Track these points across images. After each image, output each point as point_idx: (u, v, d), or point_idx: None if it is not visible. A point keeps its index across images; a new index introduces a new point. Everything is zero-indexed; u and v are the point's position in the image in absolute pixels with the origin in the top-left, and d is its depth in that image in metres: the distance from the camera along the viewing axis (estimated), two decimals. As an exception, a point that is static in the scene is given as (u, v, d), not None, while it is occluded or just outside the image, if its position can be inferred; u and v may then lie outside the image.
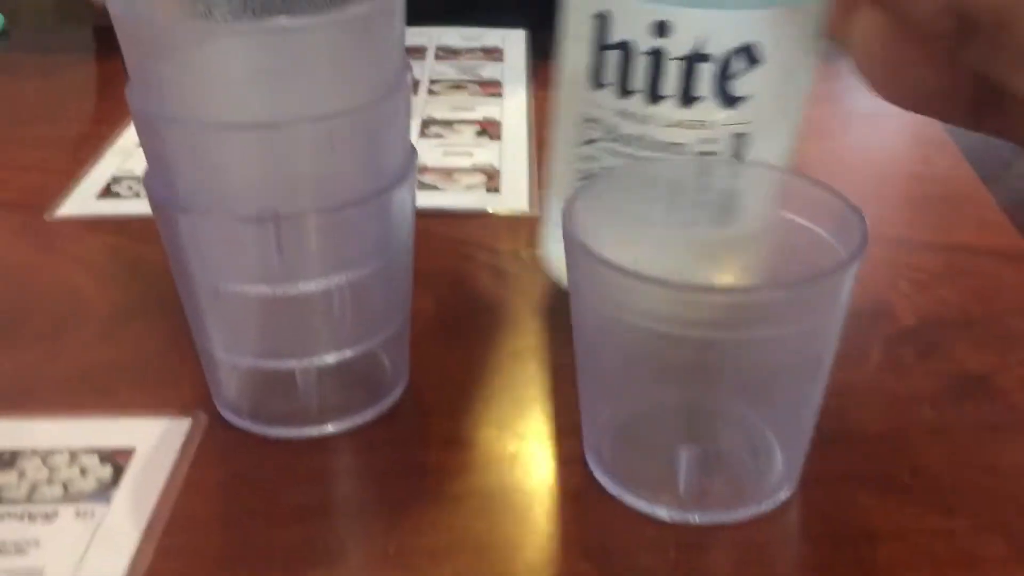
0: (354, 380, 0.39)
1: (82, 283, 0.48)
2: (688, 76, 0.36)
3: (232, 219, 0.34)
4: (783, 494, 0.35)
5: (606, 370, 0.34)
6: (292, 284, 0.35)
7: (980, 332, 0.44)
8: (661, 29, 0.36)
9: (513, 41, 0.77)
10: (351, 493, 0.36)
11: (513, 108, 0.66)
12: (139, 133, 0.34)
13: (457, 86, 0.69)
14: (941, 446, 0.37)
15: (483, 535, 0.34)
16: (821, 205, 0.34)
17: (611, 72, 0.38)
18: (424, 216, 0.54)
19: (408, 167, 0.36)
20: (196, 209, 0.34)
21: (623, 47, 0.37)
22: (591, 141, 0.40)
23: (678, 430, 0.35)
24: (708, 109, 0.37)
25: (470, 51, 0.75)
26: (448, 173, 0.57)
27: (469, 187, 0.56)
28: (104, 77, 0.74)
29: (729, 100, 0.37)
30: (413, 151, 0.37)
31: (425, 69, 0.71)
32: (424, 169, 0.58)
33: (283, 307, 0.36)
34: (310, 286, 0.35)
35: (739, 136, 0.38)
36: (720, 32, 0.36)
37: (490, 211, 0.54)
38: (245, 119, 0.32)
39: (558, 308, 0.39)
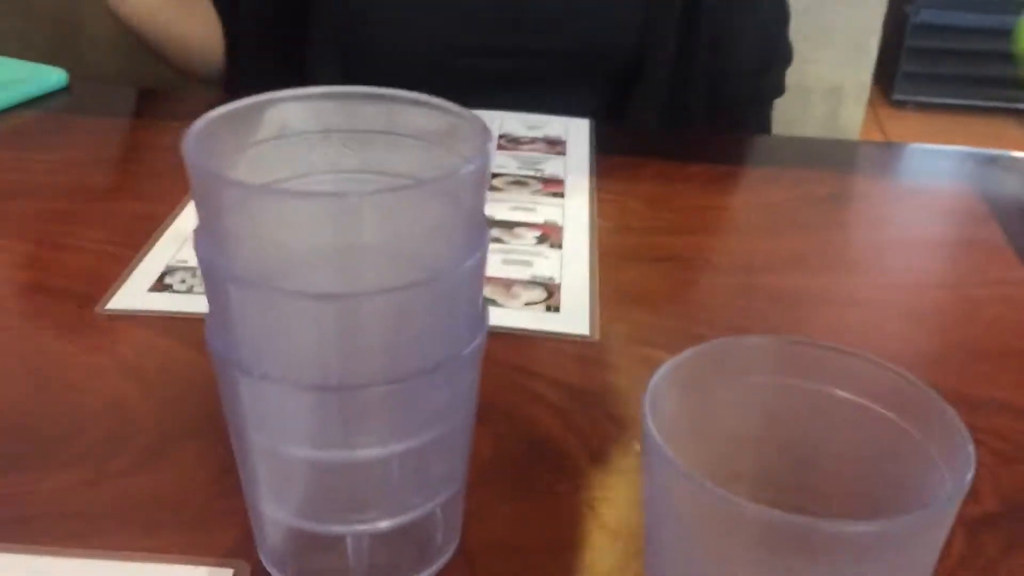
0: (406, 541, 0.37)
1: (130, 393, 0.46)
2: None
3: (293, 387, 0.32)
4: None
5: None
6: (350, 451, 0.33)
7: (1069, 524, 0.41)
8: None
9: (576, 131, 0.75)
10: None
11: (575, 211, 0.64)
12: (203, 279, 0.33)
13: (519, 182, 0.67)
14: (1030, 669, 0.35)
15: None
16: (908, 399, 0.32)
17: None
18: (481, 333, 0.52)
19: (478, 329, 0.34)
20: (256, 371, 0.32)
21: None
22: None
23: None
24: None
25: (532, 141, 0.73)
26: (507, 286, 0.56)
27: (528, 303, 0.54)
28: (163, 145, 0.73)
29: None
30: (483, 313, 0.35)
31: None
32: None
33: (338, 472, 0.34)
34: (368, 453, 0.34)
35: None
36: None
37: (549, 332, 0.52)
38: (313, 288, 0.30)
39: (618, 453, 0.36)
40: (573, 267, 0.58)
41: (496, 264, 0.58)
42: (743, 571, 0.30)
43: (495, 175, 0.68)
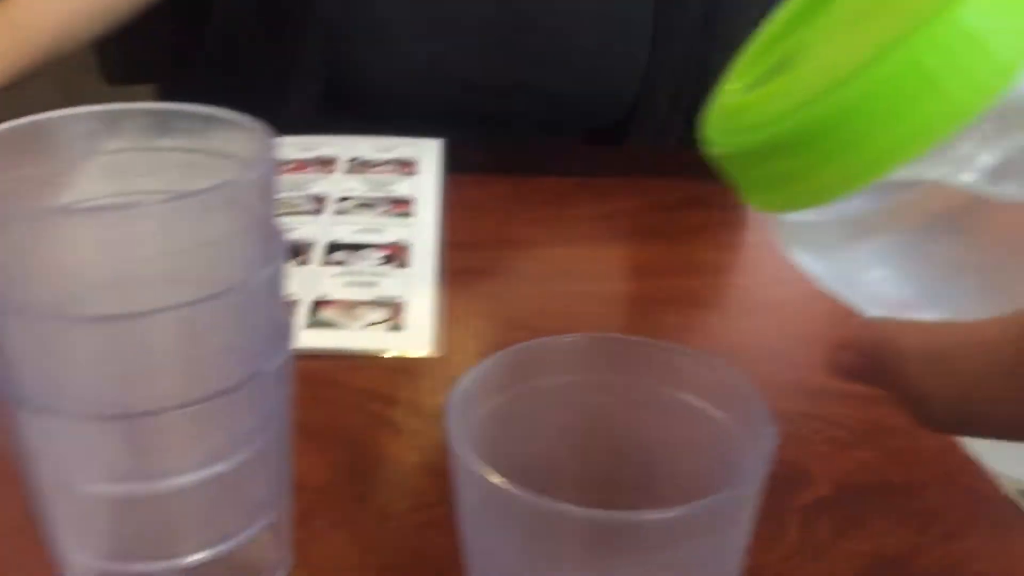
0: (229, 571, 0.36)
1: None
2: None
3: (79, 418, 0.30)
4: None
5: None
6: (152, 482, 0.32)
7: (899, 503, 0.42)
8: None
9: (428, 151, 0.74)
10: None
11: (423, 230, 0.63)
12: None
13: (366, 204, 0.66)
14: (860, 647, 0.35)
15: None
16: (719, 386, 0.32)
17: None
18: (318, 359, 0.51)
19: (281, 345, 0.33)
20: (38, 405, 0.30)
21: None
22: None
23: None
24: None
25: (383, 163, 0.72)
26: (350, 307, 0.54)
27: (371, 324, 0.53)
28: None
29: None
30: (287, 327, 0.34)
31: (334, 185, 0.69)
32: (325, 302, 0.55)
33: (143, 505, 0.32)
34: (173, 483, 0.32)
35: None
36: None
37: (388, 355, 0.51)
38: (90, 311, 0.29)
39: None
40: (419, 286, 0.57)
41: (339, 287, 0.56)
42: (555, 571, 0.29)
43: (343, 199, 0.67)
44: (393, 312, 0.54)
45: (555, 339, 0.34)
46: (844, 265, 0.26)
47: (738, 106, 0.25)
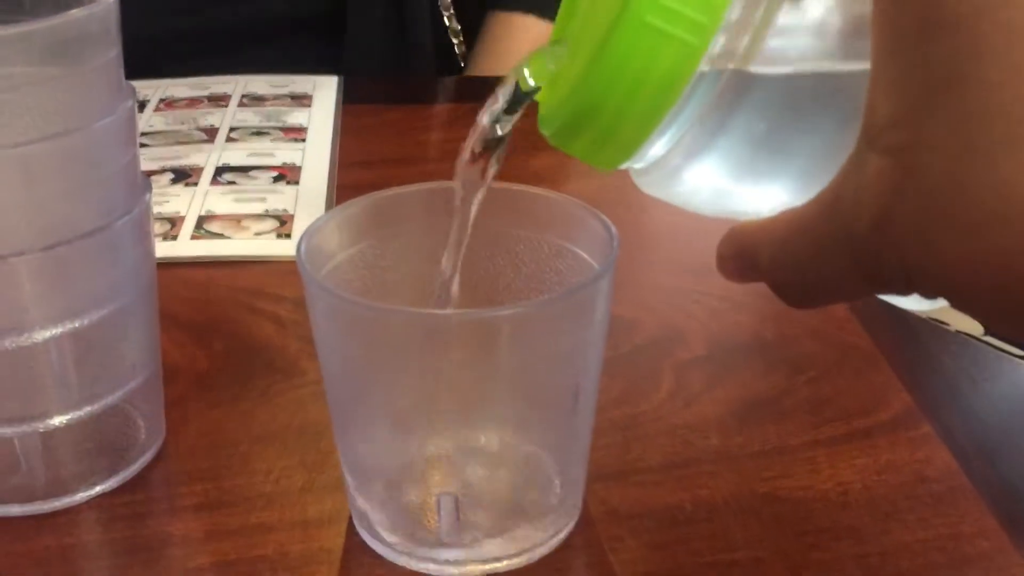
0: (95, 444, 0.35)
1: None
2: None
3: (-82, 265, 0.30)
4: (561, 535, 0.33)
5: (359, 421, 0.31)
6: (4, 338, 0.31)
7: (771, 355, 0.43)
8: None
9: (325, 87, 0.74)
10: (81, 574, 0.32)
11: (316, 152, 0.63)
12: None
13: (259, 132, 0.66)
14: (725, 475, 0.36)
15: (225, 608, 0.30)
16: (578, 225, 0.32)
17: None
18: (208, 266, 0.51)
19: (136, 201, 0.33)
20: None
21: None
22: None
23: (447, 477, 0.33)
24: None
25: (277, 98, 0.72)
26: (237, 220, 0.54)
27: (259, 234, 0.53)
28: None
29: None
30: (143, 182, 0.34)
31: (226, 117, 0.68)
32: (212, 217, 0.54)
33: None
34: (23, 339, 0.32)
35: None
36: None
37: (278, 256, 0.51)
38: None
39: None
40: (309, 200, 0.57)
41: (227, 203, 0.56)
42: (402, 374, 0.30)
43: (234, 128, 0.66)
44: (281, 224, 0.54)
45: (409, 188, 0.35)
46: (690, 191, 0.27)
47: (544, 93, 0.28)
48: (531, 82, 0.27)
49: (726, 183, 0.26)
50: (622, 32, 0.23)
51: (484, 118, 0.29)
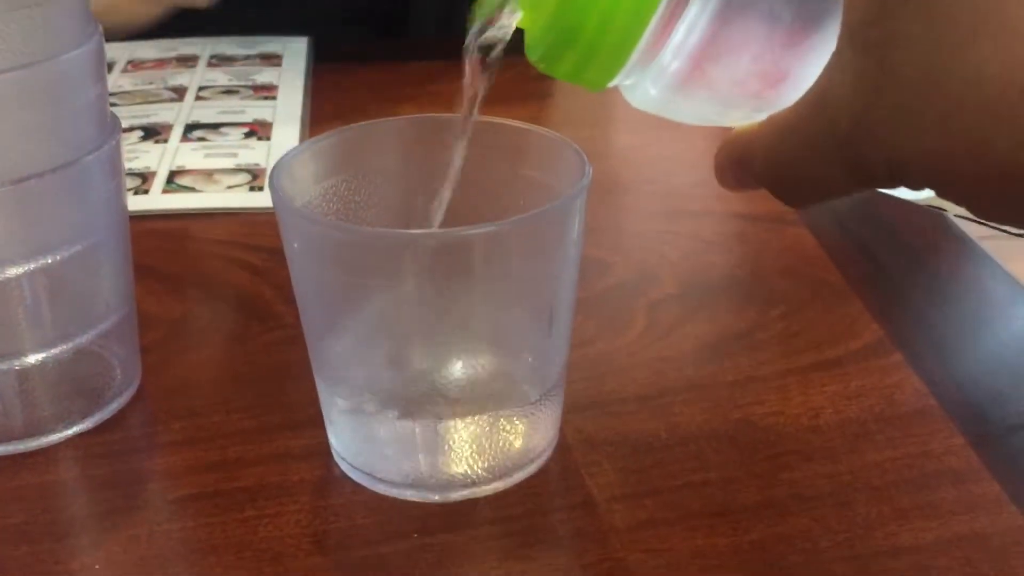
0: (70, 385, 0.35)
1: None
2: None
3: None
4: (540, 461, 0.33)
5: (333, 350, 0.32)
6: (-27, 273, 0.31)
7: (744, 292, 0.43)
8: None
9: (294, 48, 0.74)
10: (60, 510, 0.32)
11: (287, 110, 0.62)
12: None
13: (228, 91, 0.65)
14: (698, 403, 0.36)
15: (205, 538, 0.30)
16: (551, 155, 0.32)
17: None
18: (181, 218, 0.50)
19: (104, 137, 0.33)
20: None
21: None
22: None
23: (425, 402, 0.33)
24: None
25: (247, 58, 0.71)
26: (208, 174, 0.54)
27: (231, 187, 0.53)
28: None
29: None
30: (112, 121, 0.34)
31: (195, 77, 0.68)
32: (182, 172, 0.54)
33: (-32, 302, 0.32)
34: (-2, 275, 0.31)
35: None
36: None
37: (251, 208, 0.51)
38: None
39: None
40: (280, 155, 0.56)
41: (198, 158, 0.56)
42: (377, 297, 0.30)
43: (203, 88, 0.66)
44: (254, 176, 0.54)
45: (382, 121, 0.35)
46: (678, 102, 0.27)
47: (526, 19, 0.28)
48: (515, 12, 0.27)
49: (712, 92, 0.26)
50: None
51: (472, 44, 0.28)
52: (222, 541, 0.30)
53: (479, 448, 0.32)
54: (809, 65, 0.23)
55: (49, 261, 0.32)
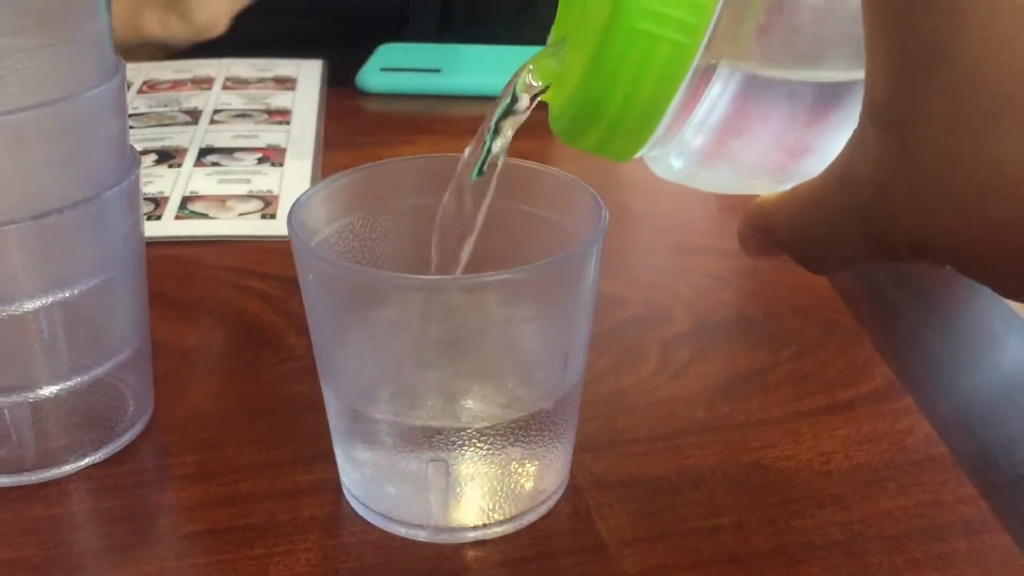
0: (84, 416, 0.35)
1: None
2: None
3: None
4: (549, 503, 0.33)
5: (345, 386, 0.32)
6: (-7, 307, 0.31)
7: (756, 331, 0.43)
8: None
9: (308, 71, 0.74)
10: (71, 543, 0.32)
11: (300, 135, 0.63)
12: None
13: (243, 115, 0.66)
14: (711, 446, 0.36)
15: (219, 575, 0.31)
16: (566, 197, 0.33)
17: None
18: (193, 245, 0.51)
19: (125, 173, 0.33)
20: None
21: None
22: None
23: (432, 446, 0.33)
24: None
25: (261, 81, 0.72)
26: (222, 201, 0.54)
27: (242, 215, 0.53)
28: None
29: None
30: (132, 155, 0.34)
31: (210, 100, 0.68)
32: (196, 197, 0.54)
33: (-13, 333, 0.32)
34: (12, 309, 0.32)
35: None
36: None
37: (263, 236, 0.51)
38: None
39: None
40: (294, 181, 0.57)
41: (212, 184, 0.56)
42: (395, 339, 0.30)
43: (218, 111, 0.66)
44: (266, 204, 0.54)
45: (399, 160, 0.35)
46: (700, 174, 0.28)
47: (551, 93, 0.28)
48: (536, 83, 0.28)
49: (735, 165, 0.27)
50: (614, 39, 0.23)
51: (491, 121, 0.29)
52: (233, 580, 0.30)
53: (490, 489, 0.32)
54: (832, 140, 0.24)
55: (67, 295, 0.32)
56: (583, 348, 0.32)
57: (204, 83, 0.71)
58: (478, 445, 0.31)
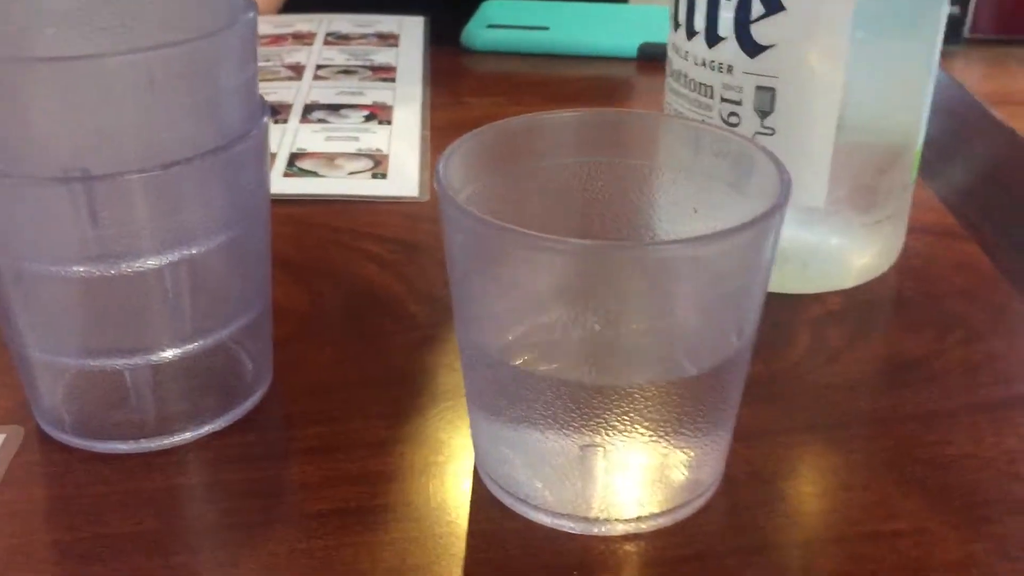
0: (203, 381, 0.33)
1: None
2: (712, 11, 0.36)
3: (31, 181, 0.28)
4: (706, 496, 0.30)
5: (489, 363, 0.29)
6: (113, 263, 0.29)
7: (915, 313, 0.39)
8: None
9: (410, 27, 0.71)
10: (193, 518, 0.30)
11: (406, 93, 0.60)
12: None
13: (346, 71, 0.63)
14: (878, 439, 0.33)
15: (351, 560, 0.28)
16: (743, 159, 0.29)
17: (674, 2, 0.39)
18: (303, 204, 0.48)
19: (254, 123, 0.30)
20: (-10, 169, 0.27)
21: None
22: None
23: (584, 428, 0.30)
24: (730, 52, 0.36)
25: (363, 37, 0.69)
26: (330, 158, 0.52)
27: (353, 173, 0.51)
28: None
29: (751, 46, 0.36)
30: (262, 105, 0.31)
31: (312, 55, 0.66)
32: (303, 155, 0.52)
33: (105, 292, 0.30)
34: (137, 265, 0.29)
35: (764, 90, 0.36)
36: None
37: (376, 196, 0.48)
38: (44, 52, 0.26)
39: (447, 293, 0.33)
40: (402, 140, 0.54)
41: (319, 141, 0.54)
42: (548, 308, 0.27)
43: (320, 67, 0.64)
44: (376, 162, 0.52)
45: (549, 114, 0.32)
46: None
47: None
48: None
49: None
50: None
51: None
52: (369, 566, 0.28)
53: (645, 478, 0.29)
54: None
55: (192, 252, 0.30)
56: (755, 324, 0.29)
57: (305, 38, 0.69)
58: (634, 428, 0.28)
